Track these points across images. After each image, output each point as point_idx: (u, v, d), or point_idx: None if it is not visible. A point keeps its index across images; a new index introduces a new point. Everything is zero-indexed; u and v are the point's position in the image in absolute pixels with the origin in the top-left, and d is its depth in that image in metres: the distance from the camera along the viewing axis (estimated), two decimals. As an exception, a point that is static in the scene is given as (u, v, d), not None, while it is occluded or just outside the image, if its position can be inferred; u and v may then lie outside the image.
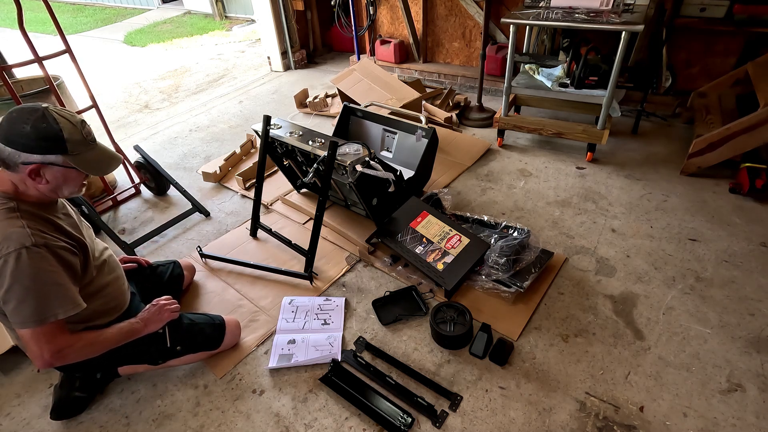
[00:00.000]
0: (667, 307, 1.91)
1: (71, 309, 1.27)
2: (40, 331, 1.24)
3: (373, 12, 4.46)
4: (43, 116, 1.19)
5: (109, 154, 1.36)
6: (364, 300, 2.04)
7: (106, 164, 1.33)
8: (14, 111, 1.20)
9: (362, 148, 2.00)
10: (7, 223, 1.20)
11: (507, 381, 1.66)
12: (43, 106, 1.21)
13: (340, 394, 1.64)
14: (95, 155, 1.30)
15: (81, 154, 1.26)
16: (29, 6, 3.96)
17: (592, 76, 2.71)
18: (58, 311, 1.24)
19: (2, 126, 1.18)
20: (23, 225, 1.21)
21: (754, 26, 2.87)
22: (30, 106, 1.21)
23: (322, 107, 3.95)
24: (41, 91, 2.42)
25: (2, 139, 1.17)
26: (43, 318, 1.23)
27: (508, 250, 2.00)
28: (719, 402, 1.55)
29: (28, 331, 1.23)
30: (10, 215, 1.22)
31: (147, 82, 5.14)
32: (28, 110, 1.19)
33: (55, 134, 1.19)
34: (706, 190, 2.59)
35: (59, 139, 1.20)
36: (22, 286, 1.19)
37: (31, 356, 1.28)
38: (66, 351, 1.30)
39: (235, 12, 7.78)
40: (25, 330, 1.23)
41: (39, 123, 1.17)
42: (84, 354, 1.36)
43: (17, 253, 1.17)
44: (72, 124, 1.23)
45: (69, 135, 1.22)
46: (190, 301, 2.09)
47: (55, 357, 1.27)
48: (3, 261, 1.18)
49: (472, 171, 2.95)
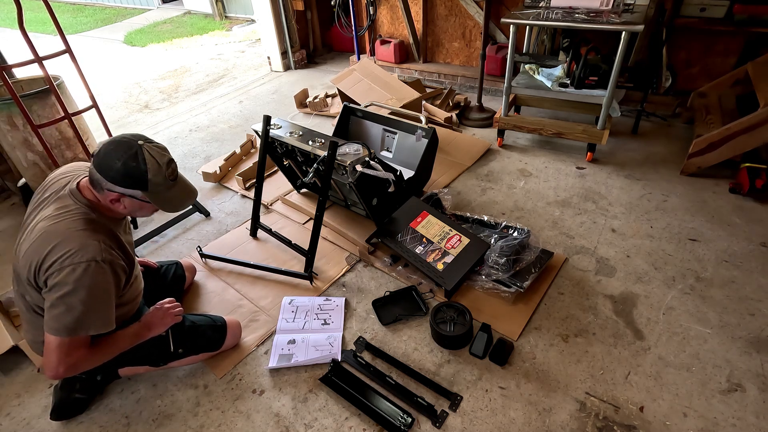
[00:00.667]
0: (667, 307, 1.91)
1: (103, 328, 1.32)
2: (67, 342, 1.27)
3: (373, 12, 4.46)
4: (135, 155, 1.28)
5: (186, 192, 1.45)
6: (364, 300, 2.04)
7: (179, 202, 1.43)
8: (113, 143, 1.29)
9: (362, 148, 2.00)
10: (87, 234, 1.28)
11: (507, 381, 1.66)
12: (139, 143, 1.30)
13: (340, 394, 1.64)
14: (172, 194, 1.39)
15: (159, 193, 1.35)
16: (29, 6, 3.96)
17: (592, 76, 2.71)
18: (92, 328, 1.29)
19: (99, 153, 1.28)
20: (99, 240, 1.29)
21: (754, 26, 2.87)
22: (127, 141, 1.29)
23: (322, 107, 3.95)
24: (41, 91, 2.42)
25: (96, 164, 1.28)
26: (77, 331, 1.27)
27: (508, 250, 2.00)
28: (719, 402, 1.55)
29: (55, 339, 1.26)
30: (90, 226, 1.31)
31: (147, 82, 5.14)
32: (124, 146, 1.28)
33: (140, 175, 1.29)
34: (706, 190, 2.59)
35: (143, 180, 1.30)
36: (79, 296, 1.24)
37: (47, 364, 1.30)
38: (80, 364, 1.34)
39: (235, 12, 7.78)
40: (54, 338, 1.26)
41: (129, 162, 1.27)
42: (93, 364, 1.39)
43: (87, 265, 1.24)
44: (158, 166, 1.32)
45: (153, 176, 1.31)
46: (190, 301, 2.09)
47: (69, 370, 1.31)
48: (72, 268, 1.23)
49: (472, 171, 2.95)
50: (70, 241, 1.25)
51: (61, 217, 1.30)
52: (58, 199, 1.35)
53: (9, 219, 2.81)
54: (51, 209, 1.33)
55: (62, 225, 1.28)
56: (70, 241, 1.25)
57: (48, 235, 1.27)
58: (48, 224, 1.29)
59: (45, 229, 1.28)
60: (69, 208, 1.32)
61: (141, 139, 1.32)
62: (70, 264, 1.23)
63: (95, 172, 1.29)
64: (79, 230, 1.28)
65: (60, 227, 1.28)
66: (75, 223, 1.29)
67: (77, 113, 2.43)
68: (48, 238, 1.26)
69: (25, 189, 2.83)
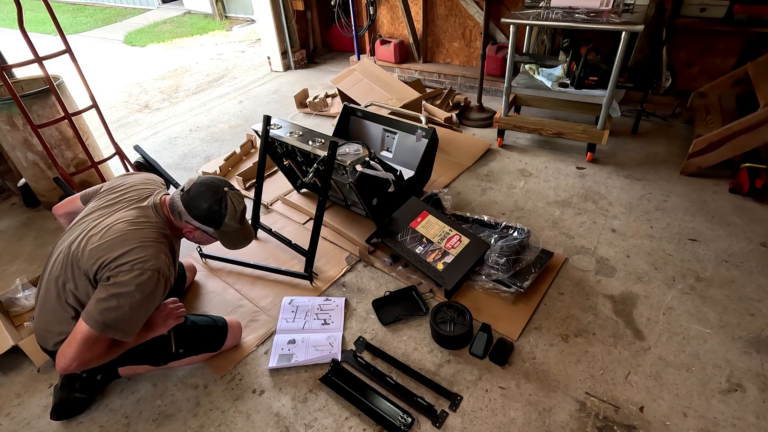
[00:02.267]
0: (667, 307, 1.91)
1: (126, 338, 1.36)
2: (95, 337, 1.31)
3: (373, 12, 4.46)
4: (220, 201, 1.47)
5: (245, 236, 1.62)
6: (364, 300, 2.04)
7: (239, 243, 1.62)
8: (204, 185, 1.46)
9: (362, 148, 2.00)
10: (160, 246, 1.41)
11: (507, 381, 1.66)
12: (225, 189, 1.48)
13: (340, 394, 1.64)
14: (236, 235, 1.58)
15: (227, 233, 1.54)
16: (29, 6, 3.96)
17: (592, 76, 2.71)
18: (120, 333, 1.33)
19: (190, 192, 1.46)
20: (166, 253, 1.42)
21: (754, 26, 2.87)
22: (217, 186, 1.47)
23: (322, 107, 3.95)
24: (41, 91, 2.42)
25: (184, 200, 1.46)
26: (108, 330, 1.31)
27: (508, 250, 2.00)
28: (719, 402, 1.55)
29: (87, 330, 1.30)
30: (164, 240, 1.45)
31: (147, 82, 5.15)
32: (213, 190, 1.46)
33: (219, 217, 1.48)
34: (706, 190, 2.59)
35: (220, 222, 1.49)
36: (132, 299, 1.31)
37: (63, 353, 1.32)
38: (92, 362, 1.37)
39: (235, 12, 7.78)
40: (87, 328, 1.30)
41: (214, 206, 1.46)
42: (100, 362, 1.41)
43: (152, 273, 1.34)
44: (235, 212, 1.50)
45: (228, 220, 1.49)
46: (190, 301, 2.09)
47: (80, 366, 1.35)
48: (141, 272, 1.32)
49: (472, 171, 2.95)
50: (146, 248, 1.36)
51: (143, 225, 1.42)
52: (141, 208, 1.48)
53: (9, 219, 2.81)
54: (132, 214, 1.45)
55: (143, 233, 1.40)
56: (146, 248, 1.36)
57: (129, 236, 1.37)
58: (129, 227, 1.39)
59: (126, 231, 1.38)
60: (150, 219, 1.46)
61: (227, 186, 1.50)
62: (141, 269, 1.32)
63: (181, 205, 1.46)
64: (155, 241, 1.40)
65: (141, 234, 1.39)
66: (154, 234, 1.42)
67: (77, 113, 2.43)
68: (127, 239, 1.36)
69: (25, 189, 2.83)
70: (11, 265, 2.41)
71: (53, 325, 1.43)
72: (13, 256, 2.48)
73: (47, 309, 1.44)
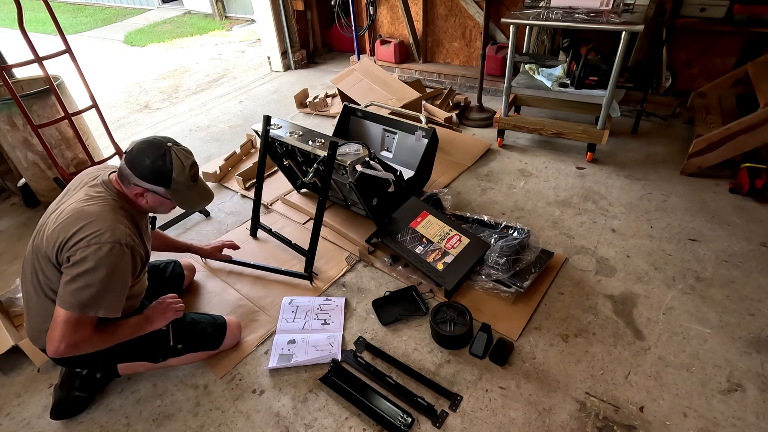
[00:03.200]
0: (667, 307, 1.91)
1: (111, 312, 1.35)
2: (75, 318, 1.30)
3: (373, 12, 4.46)
4: (164, 155, 1.39)
5: (203, 194, 1.55)
6: (364, 300, 2.04)
7: (196, 203, 1.55)
8: (145, 142, 1.40)
9: (362, 148, 2.00)
10: (116, 218, 1.37)
11: (507, 381, 1.66)
12: (168, 144, 1.41)
13: (340, 394, 1.64)
14: (191, 194, 1.50)
15: (180, 192, 1.45)
16: (29, 6, 3.96)
17: (592, 76, 2.71)
18: (102, 309, 1.33)
19: (131, 151, 1.39)
20: (126, 225, 1.38)
21: (754, 26, 2.87)
22: (158, 141, 1.40)
23: (322, 107, 3.95)
24: (41, 91, 2.42)
25: (127, 160, 1.39)
26: (88, 309, 1.30)
27: (508, 250, 2.00)
28: (719, 402, 1.55)
29: (65, 313, 1.29)
30: (120, 212, 1.40)
31: (147, 82, 5.15)
32: (155, 145, 1.39)
33: (166, 173, 1.39)
34: (706, 190, 2.59)
35: (167, 178, 1.40)
36: (99, 275, 1.29)
37: (50, 339, 1.33)
38: (82, 345, 1.36)
39: (235, 12, 7.78)
40: (64, 312, 1.29)
41: (158, 161, 1.38)
42: (94, 348, 1.40)
43: (112, 246, 1.30)
44: (183, 166, 1.42)
45: (177, 175, 1.41)
46: (190, 300, 2.09)
47: (70, 348, 1.33)
48: (98, 247, 1.28)
49: (472, 171, 2.95)
50: (99, 221, 1.32)
51: (93, 201, 1.38)
52: (90, 187, 1.43)
53: (9, 219, 2.81)
54: (82, 193, 1.40)
55: (94, 207, 1.36)
56: (99, 222, 1.32)
57: (80, 213, 1.33)
58: (80, 205, 1.36)
59: (77, 209, 1.34)
60: (101, 194, 1.41)
61: (170, 142, 1.42)
62: (97, 243, 1.28)
63: (125, 167, 1.38)
64: (108, 213, 1.36)
65: (92, 209, 1.35)
66: (105, 207, 1.37)
67: (77, 113, 2.43)
68: (80, 216, 1.32)
69: (25, 189, 2.83)
70: (11, 265, 2.41)
71: (43, 324, 1.43)
72: (13, 256, 2.48)
73: (32, 310, 1.45)
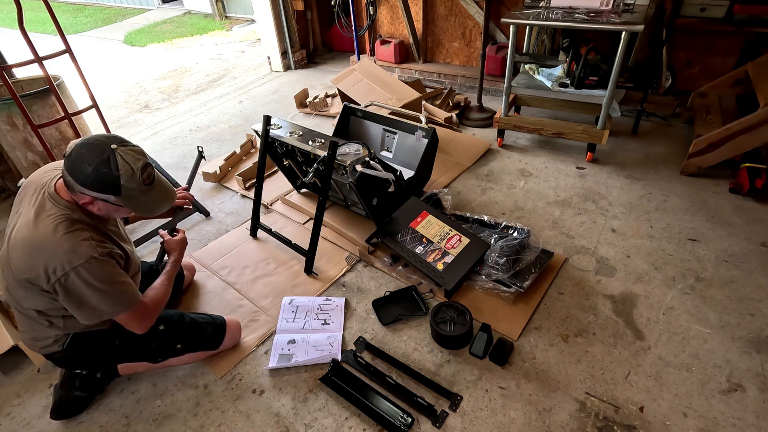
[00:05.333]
0: (667, 307, 1.91)
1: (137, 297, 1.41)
2: (133, 313, 1.39)
3: (373, 12, 4.45)
4: (107, 160, 1.21)
5: (163, 195, 1.39)
6: (364, 300, 2.04)
7: (155, 207, 1.38)
8: (84, 145, 1.22)
9: (362, 148, 2.00)
10: (73, 235, 1.24)
11: (507, 381, 1.66)
12: (112, 147, 1.23)
13: (340, 394, 1.64)
14: (148, 198, 1.34)
15: (134, 198, 1.29)
16: (29, 6, 3.96)
17: (592, 76, 2.71)
18: (137, 295, 1.40)
19: (70, 156, 1.22)
20: (89, 237, 1.27)
21: (754, 26, 2.87)
22: (100, 144, 1.23)
23: (322, 107, 3.95)
24: (41, 91, 2.42)
25: (67, 167, 1.22)
26: (130, 305, 1.37)
27: (508, 250, 2.00)
28: (719, 402, 1.55)
29: (124, 315, 1.38)
30: (75, 227, 1.27)
31: (147, 82, 5.14)
32: (97, 150, 1.21)
33: (113, 181, 1.23)
34: (706, 190, 2.59)
35: (116, 185, 1.24)
36: (96, 290, 1.28)
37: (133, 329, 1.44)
38: (153, 315, 1.48)
39: (235, 12, 7.78)
40: (122, 315, 1.37)
41: (101, 167, 1.21)
42: (160, 309, 1.51)
43: (85, 266, 1.23)
44: (132, 171, 1.25)
45: (126, 182, 1.25)
46: (190, 300, 2.09)
47: (150, 324, 1.47)
48: (76, 274, 1.23)
49: (472, 171, 2.95)
50: (57, 247, 1.22)
51: (42, 223, 1.24)
52: (38, 203, 1.29)
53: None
54: (31, 213, 1.27)
55: (45, 231, 1.23)
56: (58, 248, 1.22)
57: (34, 244, 1.23)
58: (29, 233, 1.24)
59: (28, 238, 1.24)
60: (50, 212, 1.27)
61: (115, 143, 1.25)
62: (74, 272, 1.23)
63: (67, 175, 1.23)
64: (63, 234, 1.23)
65: (43, 234, 1.23)
66: (58, 227, 1.24)
67: (77, 113, 2.43)
68: (36, 247, 1.23)
69: (25, 189, 2.83)
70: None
71: (35, 335, 1.44)
72: (13, 256, 2.48)
73: (23, 324, 1.45)
